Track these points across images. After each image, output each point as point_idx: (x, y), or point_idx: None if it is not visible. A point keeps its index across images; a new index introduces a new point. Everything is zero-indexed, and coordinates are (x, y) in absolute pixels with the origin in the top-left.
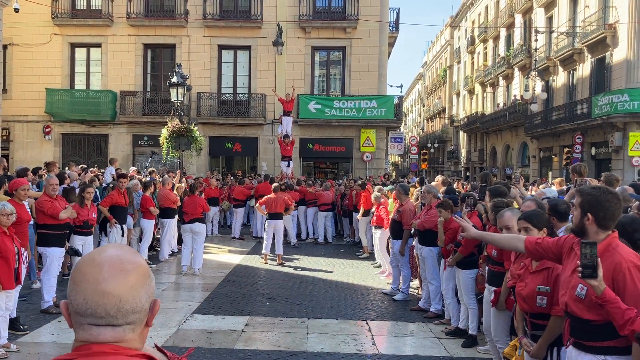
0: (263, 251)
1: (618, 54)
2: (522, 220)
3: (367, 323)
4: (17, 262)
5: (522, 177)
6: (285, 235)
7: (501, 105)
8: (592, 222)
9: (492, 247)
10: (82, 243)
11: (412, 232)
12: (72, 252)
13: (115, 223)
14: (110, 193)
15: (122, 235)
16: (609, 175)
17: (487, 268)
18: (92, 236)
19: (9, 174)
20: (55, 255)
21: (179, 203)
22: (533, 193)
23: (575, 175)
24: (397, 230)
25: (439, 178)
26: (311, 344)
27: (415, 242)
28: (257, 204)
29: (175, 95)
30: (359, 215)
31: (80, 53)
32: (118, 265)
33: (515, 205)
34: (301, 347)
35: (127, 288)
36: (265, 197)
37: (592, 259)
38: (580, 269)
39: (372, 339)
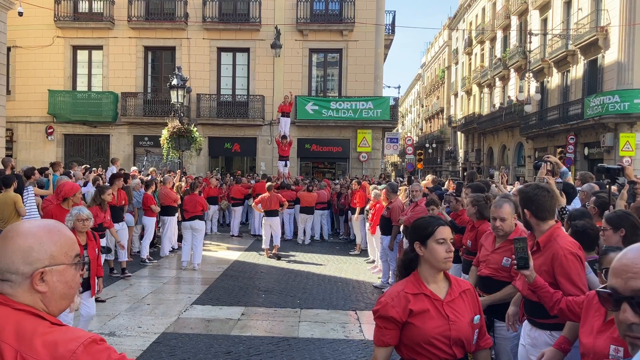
0: (263, 246)
1: (609, 56)
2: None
3: (356, 313)
4: (89, 272)
5: (504, 174)
6: (296, 233)
7: (497, 106)
8: (530, 216)
9: (467, 237)
10: None
11: (400, 228)
12: (105, 251)
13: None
14: None
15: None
16: (584, 173)
17: (462, 258)
18: (104, 238)
19: (16, 173)
20: None
21: (179, 201)
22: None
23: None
24: (387, 226)
25: (429, 177)
26: (302, 331)
27: (403, 237)
28: (253, 203)
29: (175, 97)
30: (355, 216)
31: (82, 55)
32: (5, 234)
33: None
34: (293, 334)
35: (4, 251)
36: (260, 196)
37: (524, 252)
38: (515, 262)
39: (360, 327)
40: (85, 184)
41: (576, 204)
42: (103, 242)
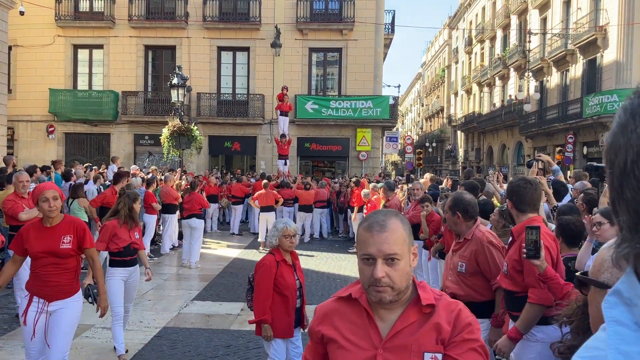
0: (259, 240)
1: (608, 56)
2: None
3: None
4: (300, 300)
5: (499, 173)
6: (303, 233)
7: (497, 105)
8: (511, 207)
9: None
10: (125, 277)
11: None
12: (86, 294)
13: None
14: (103, 192)
15: None
16: (577, 172)
17: None
18: (137, 266)
19: (18, 170)
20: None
21: (180, 199)
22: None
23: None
24: None
25: (427, 176)
26: None
27: None
28: (251, 199)
29: (175, 96)
30: (354, 216)
31: (83, 54)
32: None
33: (494, 200)
34: None
35: None
36: (257, 193)
37: (536, 242)
38: (525, 250)
39: None
40: (86, 182)
41: (567, 201)
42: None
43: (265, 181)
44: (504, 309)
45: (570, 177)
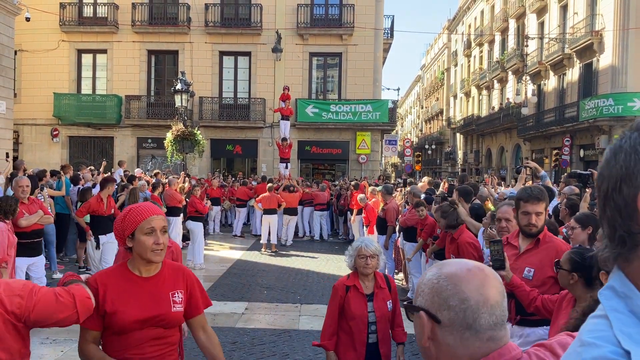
0: (262, 241)
1: (604, 60)
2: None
3: None
4: (375, 336)
5: (494, 177)
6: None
7: (496, 108)
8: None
9: (449, 251)
10: None
11: (396, 228)
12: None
13: (91, 235)
14: (88, 200)
15: (98, 248)
16: (565, 178)
17: None
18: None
19: (29, 175)
20: (18, 267)
21: (184, 202)
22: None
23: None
24: (382, 226)
25: (425, 180)
26: (302, 324)
27: (400, 237)
28: (254, 201)
29: (179, 101)
30: (353, 218)
31: (87, 59)
32: None
33: (488, 203)
34: (293, 326)
35: None
36: (261, 195)
37: (500, 254)
38: (490, 263)
39: None
40: (93, 186)
41: (554, 206)
42: None
43: (270, 185)
44: None
45: (561, 181)
